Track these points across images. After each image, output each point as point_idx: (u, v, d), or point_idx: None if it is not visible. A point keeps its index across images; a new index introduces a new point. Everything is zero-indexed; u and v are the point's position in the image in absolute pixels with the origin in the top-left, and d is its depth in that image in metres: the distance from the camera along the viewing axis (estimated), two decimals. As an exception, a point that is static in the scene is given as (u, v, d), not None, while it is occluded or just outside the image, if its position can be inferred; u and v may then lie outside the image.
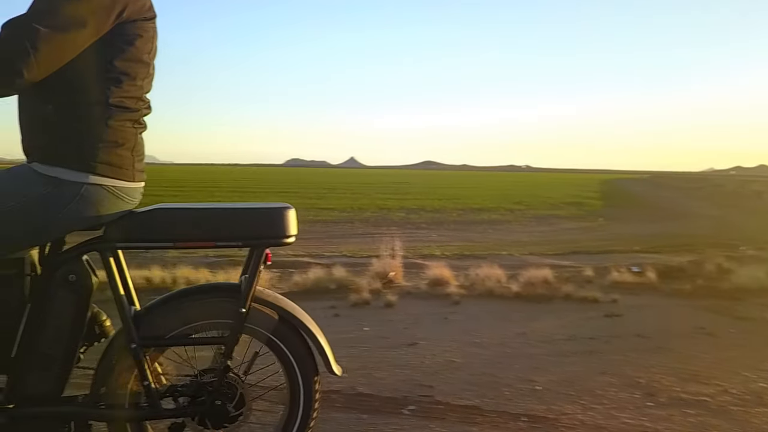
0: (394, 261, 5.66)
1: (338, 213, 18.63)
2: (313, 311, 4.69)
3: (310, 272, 5.71)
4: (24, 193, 1.55)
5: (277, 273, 6.01)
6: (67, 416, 1.69)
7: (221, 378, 1.75)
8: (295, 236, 1.76)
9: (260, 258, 1.73)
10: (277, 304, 1.81)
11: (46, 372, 1.65)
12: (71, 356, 1.68)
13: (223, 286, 1.94)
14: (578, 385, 3.13)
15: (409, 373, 3.30)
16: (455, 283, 5.44)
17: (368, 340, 3.95)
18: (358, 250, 9.35)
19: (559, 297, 5.23)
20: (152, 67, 1.71)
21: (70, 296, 1.65)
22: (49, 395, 1.67)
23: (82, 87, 1.56)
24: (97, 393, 1.72)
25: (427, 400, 2.91)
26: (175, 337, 1.75)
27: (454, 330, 4.24)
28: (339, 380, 3.15)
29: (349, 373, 3.28)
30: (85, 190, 1.57)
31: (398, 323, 4.41)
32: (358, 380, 3.16)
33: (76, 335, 1.68)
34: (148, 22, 1.64)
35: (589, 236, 13.07)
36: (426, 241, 11.70)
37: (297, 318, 1.83)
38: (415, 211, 19.45)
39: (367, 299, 4.96)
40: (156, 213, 1.69)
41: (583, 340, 3.99)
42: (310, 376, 1.85)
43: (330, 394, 2.97)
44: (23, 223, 1.55)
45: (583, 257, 8.52)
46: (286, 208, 1.74)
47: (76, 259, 1.67)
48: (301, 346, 1.84)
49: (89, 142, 1.57)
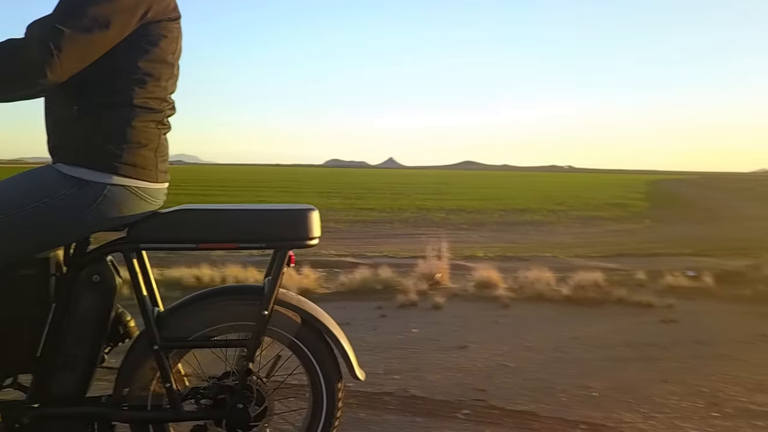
0: (440, 262, 5.61)
1: (378, 213, 18.66)
2: (360, 312, 4.75)
3: (356, 273, 5.72)
4: (47, 194, 1.55)
5: (323, 273, 6.04)
6: (91, 417, 1.70)
7: (243, 381, 1.73)
8: (318, 238, 1.73)
9: (283, 260, 1.70)
10: (300, 307, 1.79)
11: (70, 372, 1.66)
12: (95, 356, 1.68)
13: (246, 288, 1.93)
14: (637, 392, 3.04)
15: (461, 377, 3.26)
16: (503, 285, 5.36)
17: (418, 342, 3.92)
18: (399, 250, 9.33)
19: (611, 301, 5.09)
20: (177, 67, 1.70)
21: (93, 297, 1.66)
22: (73, 395, 1.67)
23: (106, 88, 1.57)
24: (120, 394, 1.72)
25: (481, 405, 2.86)
26: (197, 339, 1.74)
27: (505, 333, 4.18)
28: (391, 382, 3.15)
29: (400, 375, 3.27)
30: (108, 190, 1.57)
31: (447, 325, 4.37)
32: (411, 382, 3.14)
33: (100, 336, 1.68)
34: (173, 22, 1.64)
35: (634, 238, 12.75)
36: (467, 242, 11.59)
37: (320, 321, 1.80)
38: (455, 212, 19.33)
39: (414, 300, 4.93)
40: (179, 214, 1.69)
41: (640, 346, 3.87)
42: (332, 380, 1.82)
43: (383, 396, 2.96)
44: (46, 224, 1.55)
45: (631, 260, 8.31)
46: (309, 210, 1.72)
47: (100, 259, 1.68)
48: (324, 350, 1.81)
49: (113, 142, 1.57)
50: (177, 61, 1.70)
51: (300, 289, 5.26)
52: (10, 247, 1.55)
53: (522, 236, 13.16)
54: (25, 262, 1.63)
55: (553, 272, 5.81)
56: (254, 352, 1.72)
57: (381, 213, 18.78)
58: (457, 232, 13.62)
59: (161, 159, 1.68)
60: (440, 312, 4.78)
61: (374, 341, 3.94)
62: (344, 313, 4.69)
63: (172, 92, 1.72)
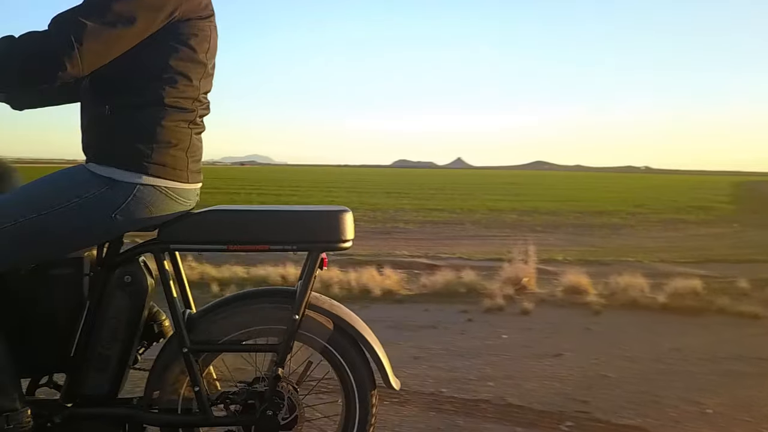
0: (526, 266, 5.46)
1: (448, 214, 18.52)
2: (445, 315, 4.68)
3: (437, 275, 5.66)
4: (78, 194, 1.54)
5: (403, 274, 6.01)
6: (121, 418, 1.68)
7: (273, 387, 1.67)
8: (352, 240, 1.67)
9: (315, 262, 1.65)
10: (333, 312, 1.73)
11: (102, 372, 1.65)
12: (126, 357, 1.67)
13: (278, 291, 1.87)
14: (756, 410, 2.82)
15: (559, 386, 3.13)
16: (593, 291, 5.15)
17: (509, 348, 3.81)
18: (474, 252, 9.19)
19: (711, 310, 4.79)
20: (211, 66, 1.66)
21: (125, 297, 1.64)
22: (105, 396, 1.66)
23: (137, 87, 1.55)
24: (150, 396, 1.70)
25: (585, 417, 2.74)
26: (228, 343, 1.70)
27: (600, 342, 4.00)
28: (486, 389, 3.07)
29: (495, 381, 3.18)
30: (138, 190, 1.55)
31: (537, 332, 4.24)
32: (507, 390, 3.05)
33: (132, 336, 1.67)
34: (204, 20, 1.60)
35: (722, 243, 12.08)
36: (543, 245, 11.28)
37: (353, 327, 1.72)
38: (529, 213, 18.92)
39: (500, 305, 4.81)
40: (209, 215, 1.66)
41: (753, 360, 3.61)
42: (366, 388, 1.75)
43: (479, 403, 2.88)
44: (77, 224, 1.55)
45: (724, 267, 7.84)
46: (342, 212, 1.66)
47: (132, 260, 1.67)
48: (358, 357, 1.74)
49: (143, 142, 1.55)
50: (211, 60, 1.66)
51: (383, 289, 5.26)
52: (41, 246, 1.56)
53: (601, 239, 12.71)
54: (60, 262, 1.64)
55: (644, 278, 5.54)
56: (285, 358, 1.66)
57: (451, 214, 18.63)
58: (532, 235, 13.30)
59: (193, 159, 1.65)
60: (529, 318, 4.64)
61: (463, 346, 3.86)
62: (429, 316, 4.65)
63: (207, 92, 1.68)
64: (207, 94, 1.69)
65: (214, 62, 1.69)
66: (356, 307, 4.88)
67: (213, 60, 1.67)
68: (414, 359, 3.56)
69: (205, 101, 1.68)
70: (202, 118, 1.68)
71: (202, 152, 1.70)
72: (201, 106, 1.66)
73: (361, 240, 10.97)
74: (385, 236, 12.13)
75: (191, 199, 1.67)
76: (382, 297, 5.19)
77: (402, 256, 8.39)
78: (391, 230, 13.64)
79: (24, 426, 1.55)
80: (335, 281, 5.44)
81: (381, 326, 4.32)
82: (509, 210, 20.15)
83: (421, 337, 4.07)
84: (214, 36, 1.64)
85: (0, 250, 1.52)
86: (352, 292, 5.24)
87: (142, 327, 1.70)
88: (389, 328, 4.26)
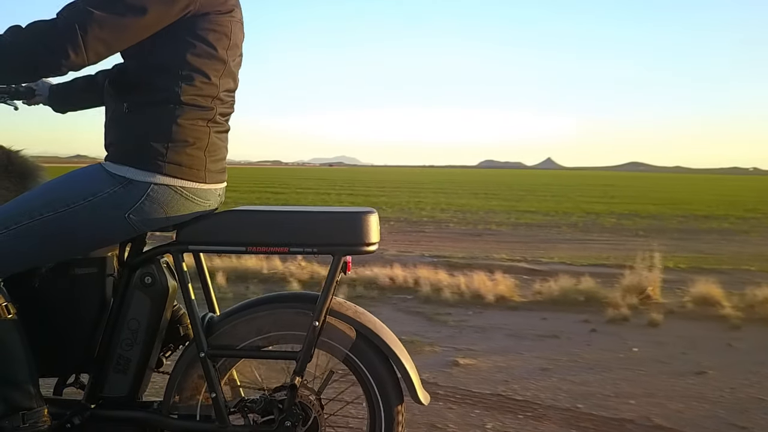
0: (650, 274, 5.13)
1: (541, 216, 17.97)
2: (565, 324, 4.45)
3: (551, 281, 5.43)
4: (93, 192, 1.52)
5: (513, 279, 5.81)
6: (141, 422, 1.64)
7: (292, 397, 1.57)
8: (377, 243, 1.58)
9: (337, 267, 1.55)
10: (358, 320, 1.62)
11: (122, 374, 1.63)
12: (146, 360, 1.64)
13: (301, 295, 1.77)
14: None
15: (710, 408, 2.88)
16: (727, 303, 4.76)
17: (642, 363, 3.56)
18: (574, 257, 8.77)
19: None
20: (233, 63, 1.60)
21: (145, 299, 1.61)
22: (125, 398, 1.64)
23: (153, 85, 1.51)
24: (170, 401, 1.65)
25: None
26: (247, 349, 1.63)
27: (745, 360, 3.66)
28: (627, 407, 2.87)
29: (635, 400, 2.97)
30: (152, 190, 1.51)
31: (671, 346, 3.94)
32: (651, 410, 2.83)
33: (152, 339, 1.64)
34: (223, 15, 1.53)
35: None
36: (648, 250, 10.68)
37: (378, 336, 1.60)
38: (628, 217, 18.00)
39: (625, 315, 4.53)
40: (229, 216, 1.60)
41: None
42: (391, 401, 1.62)
43: (623, 423, 2.70)
44: (91, 223, 1.52)
45: None
46: (367, 213, 1.57)
47: (153, 261, 1.63)
48: (382, 367, 1.62)
49: (158, 141, 1.51)
50: (233, 57, 1.59)
51: (495, 295, 5.11)
52: (58, 244, 1.55)
53: (710, 246, 11.85)
54: (84, 261, 1.63)
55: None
56: (304, 366, 1.58)
57: (545, 216, 18.06)
58: (634, 239, 12.65)
59: (212, 159, 1.59)
60: (659, 330, 4.34)
61: (591, 358, 3.65)
62: (548, 325, 4.46)
63: (230, 89, 1.62)
64: (231, 92, 1.64)
65: (239, 59, 1.64)
66: (469, 313, 4.77)
67: (237, 57, 1.62)
68: (542, 371, 3.40)
69: (228, 99, 1.63)
70: (225, 116, 1.63)
71: (225, 152, 1.66)
72: (222, 105, 1.60)
73: (453, 242, 10.89)
74: (475, 238, 11.88)
75: (211, 200, 1.62)
76: (496, 303, 5.04)
77: (500, 259, 8.15)
78: (482, 232, 13.37)
79: (40, 425, 1.54)
80: (445, 284, 5.34)
81: (499, 335, 4.19)
82: (606, 213, 19.27)
83: (544, 347, 3.90)
84: (236, 31, 1.58)
85: (19, 248, 1.52)
86: (464, 297, 5.13)
87: (163, 329, 1.68)
88: (508, 337, 4.12)
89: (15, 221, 1.50)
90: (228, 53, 1.57)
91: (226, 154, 1.67)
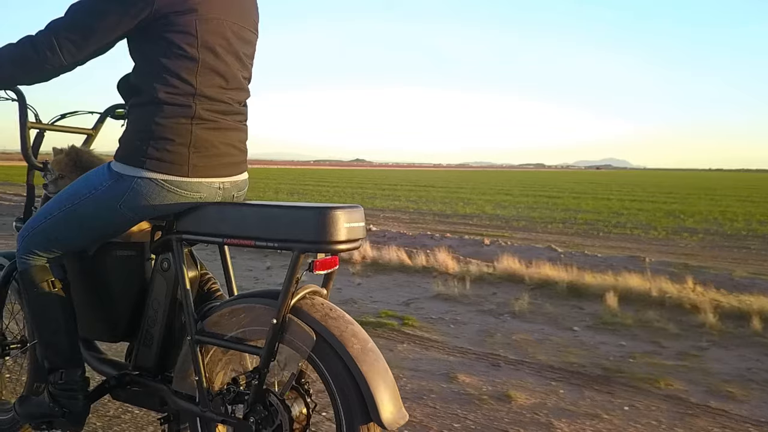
0: None
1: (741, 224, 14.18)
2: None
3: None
4: (96, 186, 1.70)
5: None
6: (155, 392, 1.81)
7: (256, 393, 1.57)
8: (349, 243, 1.51)
9: (296, 263, 1.51)
10: (323, 323, 1.53)
11: (147, 348, 1.82)
12: (166, 337, 1.80)
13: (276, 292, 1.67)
14: None
15: None
16: None
17: None
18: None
19: None
20: (213, 60, 1.65)
21: (163, 282, 1.79)
22: (151, 368, 1.82)
23: (139, 87, 1.65)
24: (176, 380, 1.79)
25: None
26: (228, 340, 1.67)
27: None
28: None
29: None
30: (136, 183, 1.64)
31: None
32: None
33: (170, 319, 1.79)
34: (184, 15, 1.59)
35: None
36: None
37: (341, 344, 1.49)
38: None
39: None
40: (210, 208, 1.68)
41: None
42: (355, 419, 1.47)
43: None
44: (92, 214, 1.72)
45: None
46: (330, 209, 1.49)
47: (170, 248, 1.75)
48: (349, 381, 1.48)
49: (141, 139, 1.64)
50: (209, 54, 1.64)
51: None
52: (79, 231, 1.77)
53: None
54: (125, 245, 1.89)
55: None
56: (267, 363, 1.56)
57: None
58: None
59: (198, 154, 1.66)
60: None
61: None
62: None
63: (219, 86, 1.68)
64: (223, 89, 1.69)
65: (230, 57, 1.69)
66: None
67: (219, 54, 1.66)
68: None
69: (220, 96, 1.68)
70: (223, 113, 1.70)
71: (227, 148, 1.72)
72: (210, 102, 1.67)
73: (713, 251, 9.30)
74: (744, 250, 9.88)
75: (202, 192, 1.69)
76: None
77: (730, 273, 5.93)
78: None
79: (76, 382, 1.81)
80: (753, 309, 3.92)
81: None
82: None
83: None
84: (203, 29, 1.62)
85: (55, 234, 1.78)
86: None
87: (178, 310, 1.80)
88: None
89: (52, 212, 1.77)
90: (199, 51, 1.62)
91: (231, 150, 1.74)
